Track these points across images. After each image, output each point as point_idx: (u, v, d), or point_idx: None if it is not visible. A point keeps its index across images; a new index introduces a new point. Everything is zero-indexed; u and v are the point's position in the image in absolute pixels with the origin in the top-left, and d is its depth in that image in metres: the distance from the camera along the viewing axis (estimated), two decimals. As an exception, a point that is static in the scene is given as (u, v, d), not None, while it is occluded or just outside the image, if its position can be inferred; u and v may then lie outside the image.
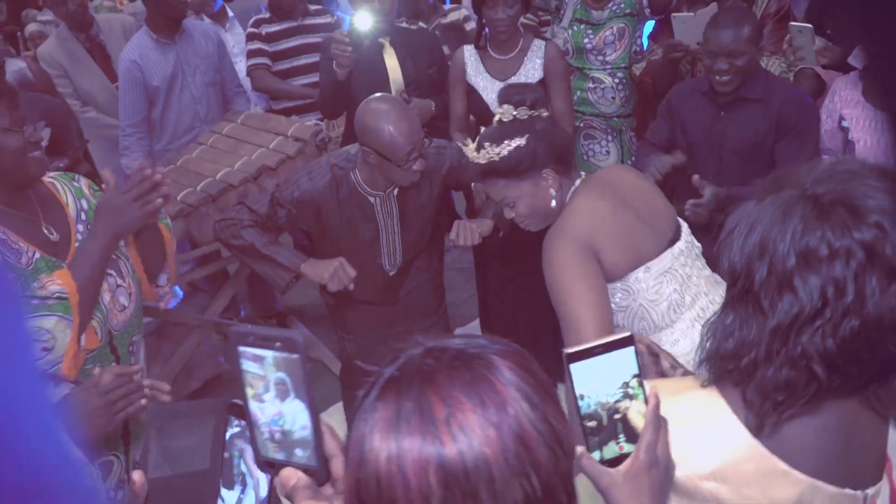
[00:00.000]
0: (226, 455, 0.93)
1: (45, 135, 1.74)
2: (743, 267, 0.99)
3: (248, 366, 0.85)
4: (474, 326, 3.79)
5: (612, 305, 1.85)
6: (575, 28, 3.38)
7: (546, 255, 1.81)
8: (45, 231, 1.73)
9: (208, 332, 3.65)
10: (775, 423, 0.98)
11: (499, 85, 3.00)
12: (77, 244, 1.78)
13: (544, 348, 1.82)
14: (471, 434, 0.74)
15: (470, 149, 1.96)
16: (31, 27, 6.33)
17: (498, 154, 1.88)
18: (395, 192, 2.39)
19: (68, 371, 1.65)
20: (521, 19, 3.15)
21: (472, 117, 3.16)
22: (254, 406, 0.86)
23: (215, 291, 3.69)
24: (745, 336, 0.98)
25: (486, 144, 1.89)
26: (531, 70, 3.00)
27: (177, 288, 3.72)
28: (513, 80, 2.98)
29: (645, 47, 3.52)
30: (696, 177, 2.43)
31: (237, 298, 3.95)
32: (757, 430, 0.99)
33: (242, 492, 0.92)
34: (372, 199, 2.38)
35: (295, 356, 0.83)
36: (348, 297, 2.57)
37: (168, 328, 3.44)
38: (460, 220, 2.49)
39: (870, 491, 1.03)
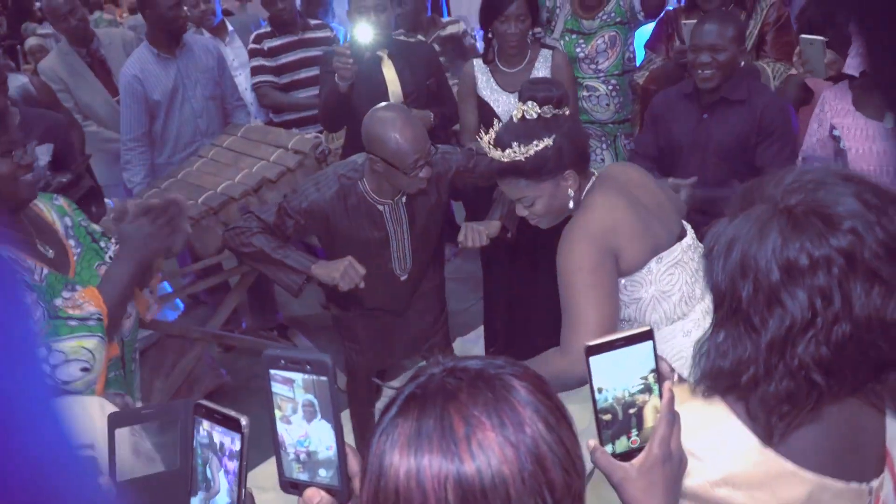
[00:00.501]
0: (192, 464, 0.95)
1: (42, 151, 1.75)
2: (727, 287, 1.00)
3: (277, 388, 0.88)
4: (474, 336, 3.81)
5: (624, 297, 1.87)
6: (566, 38, 3.43)
7: (563, 250, 1.82)
8: (41, 249, 1.76)
9: (210, 345, 3.67)
10: (783, 433, 0.99)
11: (509, 97, 3.04)
12: (76, 258, 1.80)
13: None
14: (489, 453, 0.76)
15: (485, 142, 1.93)
16: (31, 41, 6.36)
17: (524, 155, 1.84)
18: (404, 199, 2.42)
19: (100, 387, 1.68)
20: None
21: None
22: (281, 428, 0.89)
23: (217, 304, 3.71)
24: (741, 354, 0.99)
25: (514, 144, 1.85)
26: None
27: (178, 300, 3.74)
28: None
29: (636, 54, 3.56)
30: (670, 179, 2.47)
31: (238, 311, 3.97)
32: (766, 441, 1.00)
33: (207, 499, 0.94)
34: (381, 208, 2.41)
35: (324, 378, 0.86)
36: (357, 306, 2.59)
37: (169, 341, 3.45)
38: (467, 223, 2.52)
39: (874, 483, 1.05)
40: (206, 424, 0.92)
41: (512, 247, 2.95)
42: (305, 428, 0.88)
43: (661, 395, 0.93)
